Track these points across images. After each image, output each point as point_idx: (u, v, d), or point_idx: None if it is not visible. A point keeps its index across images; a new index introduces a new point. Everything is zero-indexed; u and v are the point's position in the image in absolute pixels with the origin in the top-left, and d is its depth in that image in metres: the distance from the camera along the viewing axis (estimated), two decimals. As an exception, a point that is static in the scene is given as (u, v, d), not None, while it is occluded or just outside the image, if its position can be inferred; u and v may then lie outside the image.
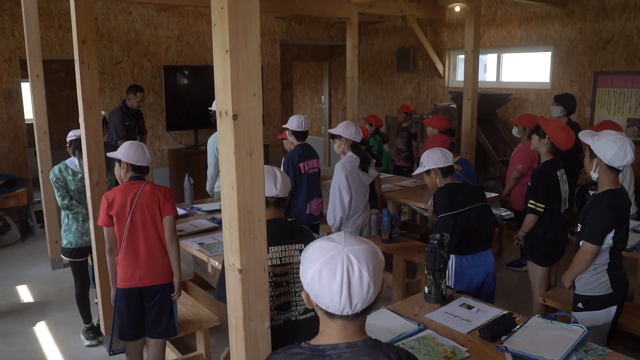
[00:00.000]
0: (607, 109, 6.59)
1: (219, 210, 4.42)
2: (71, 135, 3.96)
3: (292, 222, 2.54)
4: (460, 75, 8.46)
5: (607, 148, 2.65)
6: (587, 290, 2.85)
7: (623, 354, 2.22)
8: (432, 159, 3.34)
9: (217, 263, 3.36)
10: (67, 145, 3.97)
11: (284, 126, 4.51)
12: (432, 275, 2.69)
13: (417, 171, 3.50)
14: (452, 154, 3.54)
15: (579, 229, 2.84)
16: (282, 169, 3.71)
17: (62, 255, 4.05)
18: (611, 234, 2.72)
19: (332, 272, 1.25)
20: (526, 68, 7.99)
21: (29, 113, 6.22)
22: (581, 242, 2.78)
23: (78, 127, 4.26)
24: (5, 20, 6.43)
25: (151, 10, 7.47)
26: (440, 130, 5.44)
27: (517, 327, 2.40)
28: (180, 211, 4.42)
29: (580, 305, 2.88)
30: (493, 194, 5.27)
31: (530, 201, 3.61)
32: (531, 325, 2.41)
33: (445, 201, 3.28)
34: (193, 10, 7.80)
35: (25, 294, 4.91)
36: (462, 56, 8.03)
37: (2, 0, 6.35)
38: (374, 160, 4.82)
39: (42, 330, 4.21)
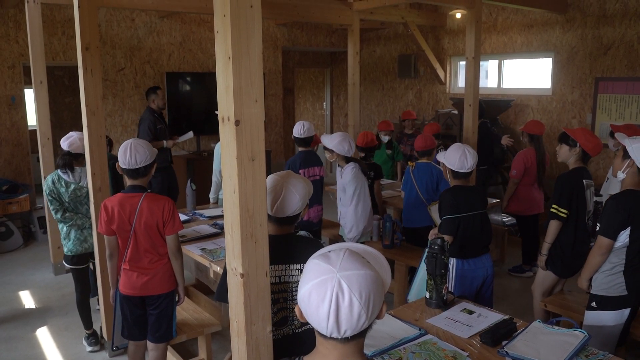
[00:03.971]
0: (608, 115, 6.60)
1: (220, 216, 4.44)
2: (65, 144, 3.80)
3: (300, 237, 2.28)
4: (461, 82, 8.49)
5: None
6: (601, 290, 2.88)
7: (625, 359, 2.22)
8: (450, 158, 3.31)
9: (219, 268, 3.37)
10: (60, 154, 3.81)
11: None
12: (433, 280, 2.70)
13: (441, 158, 3.43)
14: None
15: (598, 228, 2.87)
16: None
17: (63, 262, 4.04)
18: (626, 232, 2.75)
19: (320, 297, 1.19)
20: (527, 74, 8.01)
21: (32, 119, 6.28)
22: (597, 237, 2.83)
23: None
24: (9, 27, 6.48)
25: (154, 18, 7.52)
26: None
27: (518, 332, 2.40)
28: (183, 217, 4.44)
29: (593, 304, 2.91)
30: (494, 200, 5.27)
31: (554, 205, 3.47)
32: (532, 330, 2.42)
33: (450, 202, 3.29)
34: (195, 17, 7.85)
35: (27, 299, 4.93)
36: (463, 62, 8.06)
37: (6, 7, 6.40)
38: (371, 173, 4.76)
39: (44, 336, 4.22)
